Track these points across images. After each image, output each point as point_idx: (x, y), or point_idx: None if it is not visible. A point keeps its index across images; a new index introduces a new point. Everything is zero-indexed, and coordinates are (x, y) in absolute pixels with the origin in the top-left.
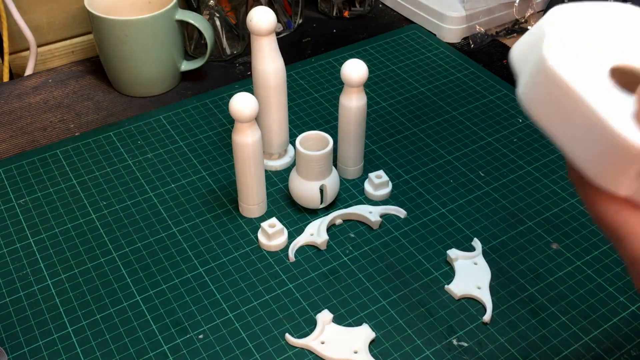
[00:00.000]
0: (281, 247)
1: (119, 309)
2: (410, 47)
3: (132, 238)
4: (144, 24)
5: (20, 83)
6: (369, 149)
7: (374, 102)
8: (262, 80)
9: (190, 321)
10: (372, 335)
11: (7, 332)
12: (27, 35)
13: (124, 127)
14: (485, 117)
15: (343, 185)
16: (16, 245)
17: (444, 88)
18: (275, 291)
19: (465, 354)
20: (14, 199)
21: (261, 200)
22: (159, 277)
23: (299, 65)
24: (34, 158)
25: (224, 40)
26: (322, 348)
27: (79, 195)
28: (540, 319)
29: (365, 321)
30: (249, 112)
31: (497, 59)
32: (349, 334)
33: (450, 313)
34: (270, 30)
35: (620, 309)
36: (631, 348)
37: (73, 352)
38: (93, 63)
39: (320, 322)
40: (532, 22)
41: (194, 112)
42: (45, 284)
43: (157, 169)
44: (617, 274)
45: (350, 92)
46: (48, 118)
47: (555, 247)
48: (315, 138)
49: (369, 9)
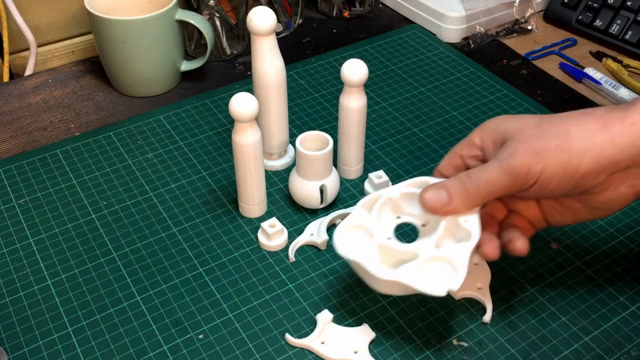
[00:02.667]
0: (281, 247)
1: (119, 309)
2: (410, 47)
3: (132, 238)
4: (144, 24)
5: (20, 83)
6: (369, 149)
7: (374, 102)
8: (262, 80)
9: (190, 321)
10: (372, 335)
11: (7, 332)
12: (27, 35)
13: (124, 127)
14: (485, 117)
15: (343, 185)
16: (16, 245)
17: (444, 88)
18: (275, 291)
19: (465, 354)
20: (14, 199)
21: (261, 200)
22: (159, 277)
23: (299, 65)
24: (34, 158)
25: (224, 40)
26: (322, 348)
27: (79, 195)
28: (540, 319)
29: (365, 321)
30: (249, 112)
31: (497, 59)
32: (349, 334)
33: (450, 313)
34: (270, 30)
35: (620, 309)
36: (631, 348)
37: (73, 352)
38: (93, 63)
39: (321, 322)
40: (532, 22)
41: (194, 112)
42: (45, 284)
43: (157, 169)
44: (617, 274)
45: (350, 92)
46: (48, 118)
47: (555, 247)
48: (315, 138)
49: (369, 9)
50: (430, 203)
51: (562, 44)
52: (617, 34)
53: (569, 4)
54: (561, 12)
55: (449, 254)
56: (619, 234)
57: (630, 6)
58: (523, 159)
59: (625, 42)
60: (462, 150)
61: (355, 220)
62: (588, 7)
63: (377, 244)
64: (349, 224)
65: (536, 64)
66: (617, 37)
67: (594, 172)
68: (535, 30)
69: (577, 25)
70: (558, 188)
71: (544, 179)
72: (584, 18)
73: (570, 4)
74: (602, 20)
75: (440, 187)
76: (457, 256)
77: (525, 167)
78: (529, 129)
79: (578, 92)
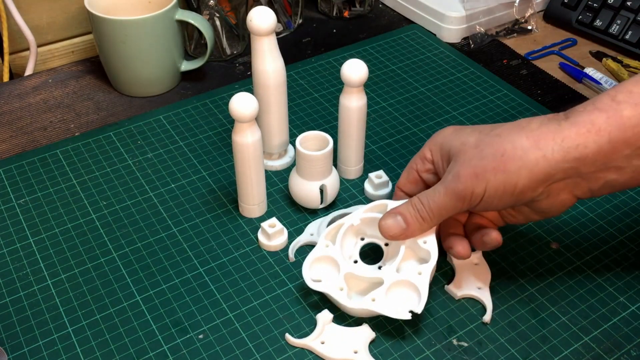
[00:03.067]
0: (281, 247)
1: (119, 309)
2: (410, 47)
3: (132, 238)
4: (144, 24)
5: (20, 83)
6: (369, 149)
7: (374, 102)
8: (262, 80)
9: (190, 321)
10: (372, 335)
11: (7, 332)
12: (27, 35)
13: (124, 127)
14: (485, 117)
15: (343, 185)
16: (16, 245)
17: (444, 88)
18: (275, 291)
19: (465, 354)
20: (14, 199)
21: (261, 200)
22: (159, 277)
23: (299, 65)
24: (34, 158)
25: (224, 40)
26: (322, 348)
27: (79, 195)
28: (540, 319)
29: (365, 321)
30: (249, 112)
31: (497, 59)
32: (349, 334)
33: (450, 313)
34: (270, 30)
35: (620, 309)
36: (631, 348)
37: (73, 352)
38: (93, 63)
39: (321, 322)
40: (532, 22)
41: (194, 112)
42: (45, 284)
43: (157, 169)
44: (617, 274)
45: (350, 92)
46: (48, 118)
47: (555, 247)
48: (315, 138)
49: (369, 9)
50: (390, 231)
51: (562, 44)
52: (617, 34)
53: (569, 4)
54: (561, 12)
55: (412, 278)
56: (619, 234)
57: (630, 6)
58: (466, 183)
59: (625, 42)
60: (417, 165)
61: (321, 252)
62: (588, 7)
63: (344, 273)
64: (315, 257)
65: (536, 64)
66: (617, 37)
67: (531, 187)
68: (535, 30)
69: (577, 25)
70: (501, 203)
71: (487, 197)
72: (584, 18)
73: (570, 4)
74: (602, 20)
75: (397, 213)
76: (419, 280)
77: (469, 191)
78: (469, 150)
79: (578, 92)
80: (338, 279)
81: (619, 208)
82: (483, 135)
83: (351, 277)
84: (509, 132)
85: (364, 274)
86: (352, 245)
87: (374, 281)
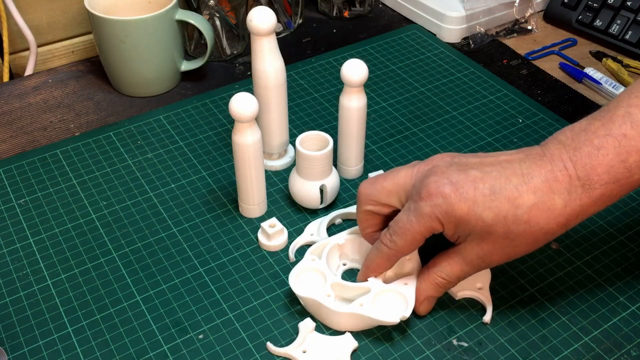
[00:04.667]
0: (281, 247)
1: (119, 309)
2: (410, 47)
3: (132, 238)
4: (144, 24)
5: (20, 83)
6: (369, 149)
7: (374, 102)
8: (262, 80)
9: (190, 321)
10: (355, 345)
11: (7, 332)
12: (27, 35)
13: (124, 127)
14: (485, 117)
15: (343, 185)
16: (16, 245)
17: (444, 88)
18: (275, 291)
19: (465, 354)
20: (14, 199)
21: (261, 200)
22: (159, 277)
23: (299, 65)
24: (34, 158)
25: (224, 40)
26: (303, 357)
27: (79, 195)
28: (540, 319)
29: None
30: (249, 112)
31: (497, 59)
32: (332, 343)
33: (450, 313)
34: (270, 30)
35: (620, 309)
36: (631, 348)
37: (73, 352)
38: (93, 63)
39: (303, 330)
40: (532, 22)
41: (194, 112)
42: (45, 284)
43: (157, 169)
44: (617, 274)
45: (350, 92)
46: (48, 118)
47: (555, 247)
48: (315, 138)
49: (369, 9)
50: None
51: (562, 44)
52: (617, 34)
53: (569, 4)
54: (561, 12)
55: (398, 288)
56: (619, 234)
57: (630, 6)
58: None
59: (625, 42)
60: (368, 222)
61: (307, 265)
62: (588, 7)
63: (331, 282)
64: (302, 268)
65: (536, 64)
66: (617, 37)
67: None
68: (535, 30)
69: (577, 25)
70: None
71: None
72: (584, 18)
73: (570, 4)
74: (602, 20)
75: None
76: (406, 289)
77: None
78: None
79: (578, 92)
80: (325, 287)
81: (619, 208)
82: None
83: (338, 286)
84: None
85: (352, 284)
86: (335, 266)
87: (361, 291)
